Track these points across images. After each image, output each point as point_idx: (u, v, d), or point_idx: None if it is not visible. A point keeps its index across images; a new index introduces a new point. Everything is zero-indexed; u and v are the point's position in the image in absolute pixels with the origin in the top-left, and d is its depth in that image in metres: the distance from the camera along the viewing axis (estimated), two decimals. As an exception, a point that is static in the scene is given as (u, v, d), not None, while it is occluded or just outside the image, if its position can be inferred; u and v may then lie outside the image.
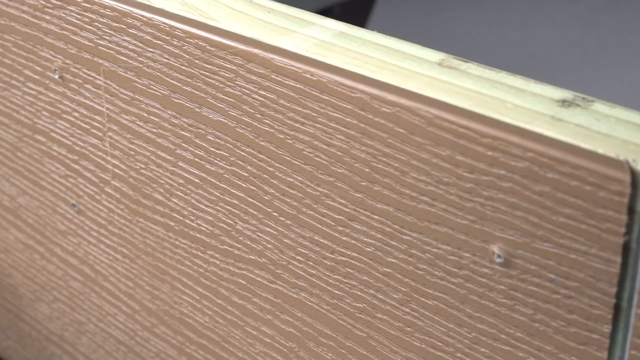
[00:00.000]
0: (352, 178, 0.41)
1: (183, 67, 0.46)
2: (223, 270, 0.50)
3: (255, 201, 0.46)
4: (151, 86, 0.49)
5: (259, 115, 0.44)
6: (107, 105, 0.53)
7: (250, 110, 0.44)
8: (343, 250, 0.43)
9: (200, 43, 0.45)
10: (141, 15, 0.47)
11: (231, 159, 0.46)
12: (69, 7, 0.52)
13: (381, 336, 0.43)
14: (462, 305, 0.39)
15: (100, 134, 0.54)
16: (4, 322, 0.75)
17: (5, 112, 0.62)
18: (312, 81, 0.40)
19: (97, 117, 0.54)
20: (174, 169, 0.50)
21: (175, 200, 0.51)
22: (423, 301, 0.41)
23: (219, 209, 0.49)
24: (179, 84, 0.47)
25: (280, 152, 0.44)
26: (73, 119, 0.56)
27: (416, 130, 0.37)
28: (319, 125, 0.41)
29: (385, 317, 0.43)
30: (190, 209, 0.50)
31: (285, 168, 0.44)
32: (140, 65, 0.49)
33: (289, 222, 0.45)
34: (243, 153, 0.46)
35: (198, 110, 0.47)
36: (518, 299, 0.37)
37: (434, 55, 0.40)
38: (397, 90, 0.37)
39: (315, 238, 0.44)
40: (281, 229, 0.46)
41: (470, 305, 0.39)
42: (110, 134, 0.54)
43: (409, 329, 0.42)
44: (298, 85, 0.41)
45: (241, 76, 0.43)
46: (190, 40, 0.45)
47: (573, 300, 0.35)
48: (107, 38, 0.50)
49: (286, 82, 0.41)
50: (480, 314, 0.39)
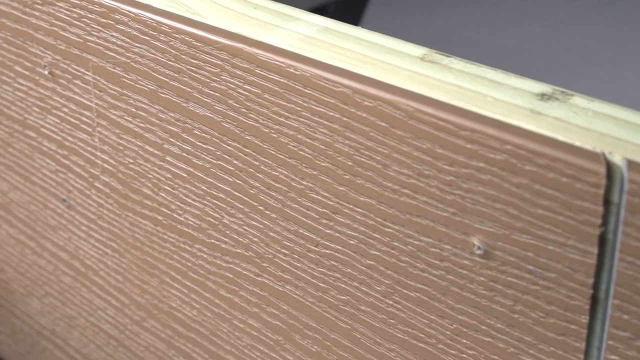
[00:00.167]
0: (336, 171, 0.41)
1: (170, 63, 0.47)
2: (210, 264, 0.51)
3: (241, 195, 0.47)
4: (139, 81, 0.49)
5: (244, 110, 0.44)
6: (96, 101, 0.53)
7: (235, 104, 0.44)
8: (327, 243, 0.43)
9: (187, 38, 0.45)
10: (128, 11, 0.48)
11: (217, 153, 0.47)
12: (58, 4, 0.52)
13: (365, 328, 0.44)
14: (444, 297, 0.40)
15: (90, 129, 0.55)
16: (-4, 318, 0.76)
17: (-4, 108, 0.62)
18: (296, 75, 0.41)
19: (86, 113, 0.54)
20: (162, 163, 0.51)
21: (163, 195, 0.52)
22: (405, 293, 0.41)
23: (206, 203, 0.49)
24: (166, 79, 0.48)
25: (265, 146, 0.44)
26: (63, 115, 0.56)
27: (397, 123, 0.38)
28: (302, 119, 0.41)
29: (368, 310, 0.43)
30: (178, 203, 0.51)
31: (270, 162, 0.44)
32: (128, 60, 0.49)
33: (274, 216, 0.45)
34: (229, 147, 0.46)
35: (185, 105, 0.47)
36: (498, 291, 0.37)
37: (417, 50, 0.40)
38: (379, 84, 0.38)
39: (300, 231, 0.44)
40: (267, 223, 0.46)
41: (451, 297, 0.39)
42: (99, 129, 0.54)
43: (392, 321, 0.42)
44: (282, 80, 0.41)
45: (226, 71, 0.44)
46: (177, 35, 0.46)
47: (551, 291, 0.36)
48: (96, 34, 0.51)
49: (270, 77, 0.42)
50: (461, 306, 0.39)
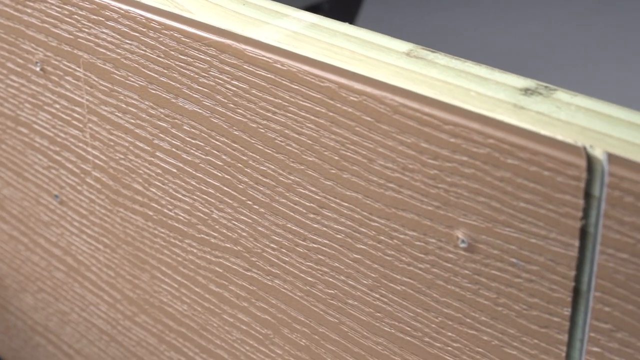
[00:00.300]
0: (322, 166, 0.42)
1: (159, 59, 0.47)
2: (200, 259, 0.51)
3: (230, 190, 0.47)
4: (129, 77, 0.50)
5: (232, 105, 0.44)
6: (87, 97, 0.54)
7: (224, 100, 0.45)
8: (315, 237, 0.44)
9: (176, 35, 0.46)
10: (118, 8, 0.48)
11: (206, 148, 0.47)
12: (49, 1, 0.53)
13: (352, 322, 0.44)
14: (429, 290, 0.40)
15: (81, 125, 0.55)
16: (-10, 314, 0.76)
17: (-12, 105, 0.63)
18: (283, 71, 0.41)
19: (78, 109, 0.55)
20: (152, 159, 0.51)
21: (153, 190, 0.52)
22: (392, 287, 0.41)
23: (196, 198, 0.49)
24: (156, 75, 0.48)
25: (253, 141, 0.44)
26: (54, 111, 0.57)
27: (382, 118, 0.38)
28: (289, 115, 0.42)
29: (356, 303, 0.44)
30: (168, 198, 0.51)
31: (258, 157, 0.45)
32: (118, 57, 0.50)
33: (262, 210, 0.46)
34: (218, 142, 0.46)
35: (174, 100, 0.48)
36: (482, 284, 0.38)
37: (403, 46, 0.41)
38: (364, 79, 0.38)
39: (288, 226, 0.45)
40: (255, 217, 0.46)
41: (436, 290, 0.40)
42: (90, 125, 0.54)
43: (378, 314, 0.43)
44: (269, 75, 0.42)
45: (215, 67, 0.44)
46: (166, 32, 0.46)
47: (534, 283, 0.36)
48: (86, 30, 0.51)
49: (258, 72, 0.42)
50: (446, 299, 0.39)
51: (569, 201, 0.34)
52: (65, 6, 0.52)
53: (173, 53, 0.46)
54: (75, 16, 0.51)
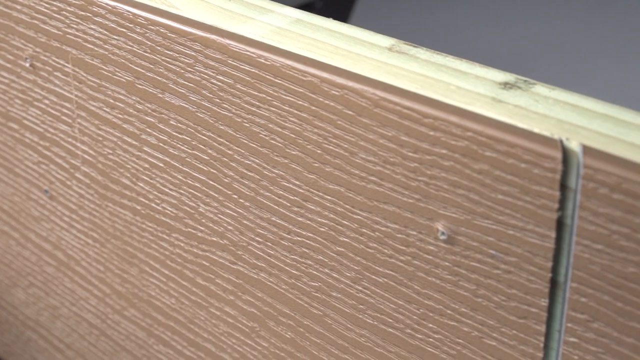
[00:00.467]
0: (305, 160, 0.42)
1: (146, 54, 0.48)
2: (187, 253, 0.52)
3: (215, 184, 0.47)
4: (116, 73, 0.50)
5: (217, 100, 0.45)
6: (76, 92, 0.54)
7: (209, 95, 0.45)
8: (299, 230, 0.44)
9: (162, 30, 0.46)
10: (106, 4, 0.49)
11: (193, 143, 0.48)
12: (38, -4, 0.53)
13: (336, 314, 0.45)
14: (410, 282, 0.40)
15: (70, 121, 0.56)
16: (-18, 309, 0.76)
17: (-21, 101, 0.63)
18: (266, 66, 0.42)
19: (67, 104, 0.55)
20: (140, 153, 0.51)
21: (141, 185, 0.52)
22: (374, 279, 0.42)
23: (182, 192, 0.50)
24: (143, 71, 0.48)
25: (238, 136, 0.45)
26: (44, 106, 0.57)
27: (363, 112, 0.39)
28: (273, 109, 0.42)
29: (339, 296, 0.44)
30: (155, 192, 0.52)
31: (243, 151, 0.45)
32: (106, 52, 0.50)
33: (247, 204, 0.46)
34: (203, 137, 0.47)
35: (161, 95, 0.48)
36: (462, 275, 0.38)
37: (385, 41, 0.41)
38: (346, 74, 0.39)
39: (273, 219, 0.45)
40: (241, 211, 0.47)
41: (417, 282, 0.40)
42: (79, 120, 0.55)
43: (361, 306, 0.43)
44: (253, 70, 0.42)
45: (200, 62, 0.45)
46: (152, 27, 0.46)
47: (512, 275, 0.37)
48: (75, 26, 0.51)
49: (242, 67, 0.43)
50: (427, 291, 0.40)
51: (545, 193, 0.34)
52: (54, 2, 0.52)
53: (159, 48, 0.47)
54: (64, 12, 0.52)
